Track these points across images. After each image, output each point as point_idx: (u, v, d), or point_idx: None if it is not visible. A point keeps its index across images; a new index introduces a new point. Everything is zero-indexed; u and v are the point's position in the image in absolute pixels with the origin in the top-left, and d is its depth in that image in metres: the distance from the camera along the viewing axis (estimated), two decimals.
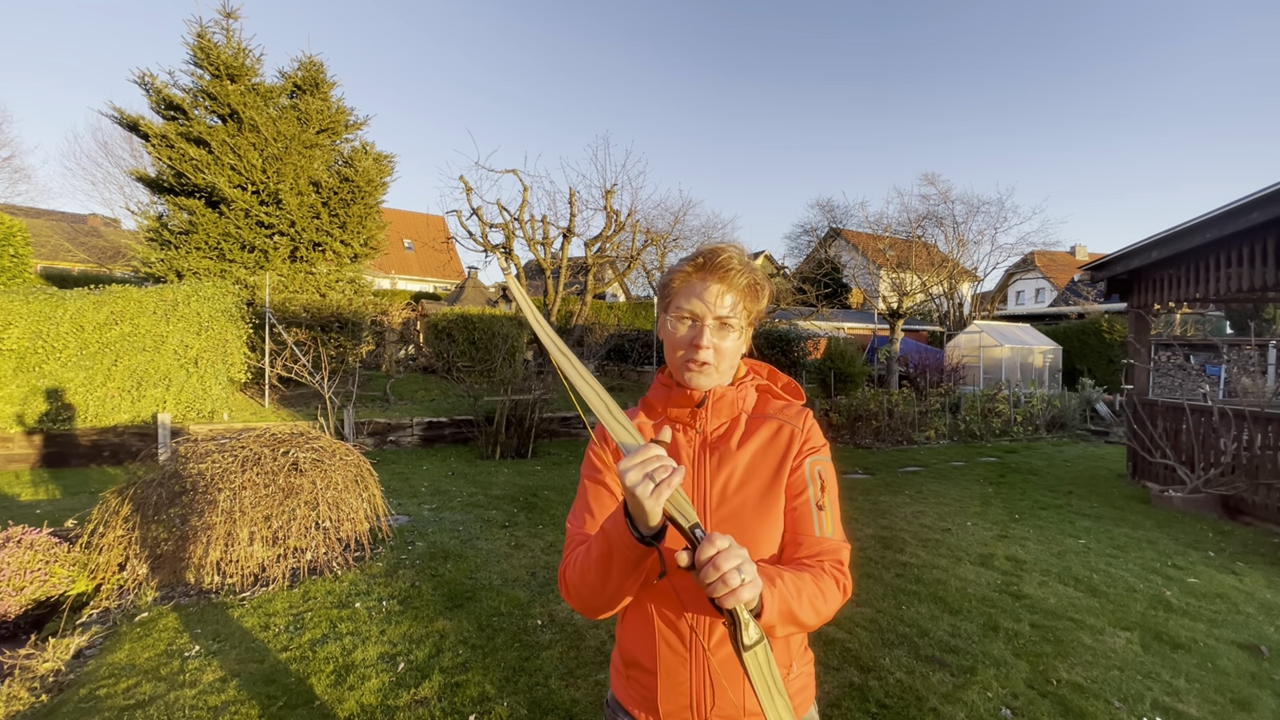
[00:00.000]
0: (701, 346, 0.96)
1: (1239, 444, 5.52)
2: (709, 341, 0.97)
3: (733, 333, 0.99)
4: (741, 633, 0.73)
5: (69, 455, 6.89)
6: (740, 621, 0.73)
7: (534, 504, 5.51)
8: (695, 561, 0.72)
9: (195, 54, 9.81)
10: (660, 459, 0.74)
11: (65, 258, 21.38)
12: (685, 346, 0.98)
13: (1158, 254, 6.04)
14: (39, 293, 7.22)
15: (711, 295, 0.97)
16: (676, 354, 1.00)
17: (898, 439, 9.57)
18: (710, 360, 0.98)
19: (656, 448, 0.75)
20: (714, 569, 0.71)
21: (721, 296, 0.97)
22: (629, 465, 0.74)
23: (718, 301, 0.97)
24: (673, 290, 1.01)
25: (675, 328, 1.00)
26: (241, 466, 3.52)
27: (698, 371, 0.98)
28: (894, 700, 2.51)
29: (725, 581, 0.71)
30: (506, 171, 14.42)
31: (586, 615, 0.96)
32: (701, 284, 0.98)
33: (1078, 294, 27.07)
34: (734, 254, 0.99)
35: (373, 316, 11.43)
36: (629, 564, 0.84)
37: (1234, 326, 18.27)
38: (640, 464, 0.73)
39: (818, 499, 0.97)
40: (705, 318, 0.97)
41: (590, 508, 1.02)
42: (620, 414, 0.80)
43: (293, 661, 2.72)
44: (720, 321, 0.98)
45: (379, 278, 24.35)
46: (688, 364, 0.99)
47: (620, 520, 0.81)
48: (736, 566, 0.71)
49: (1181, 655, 2.91)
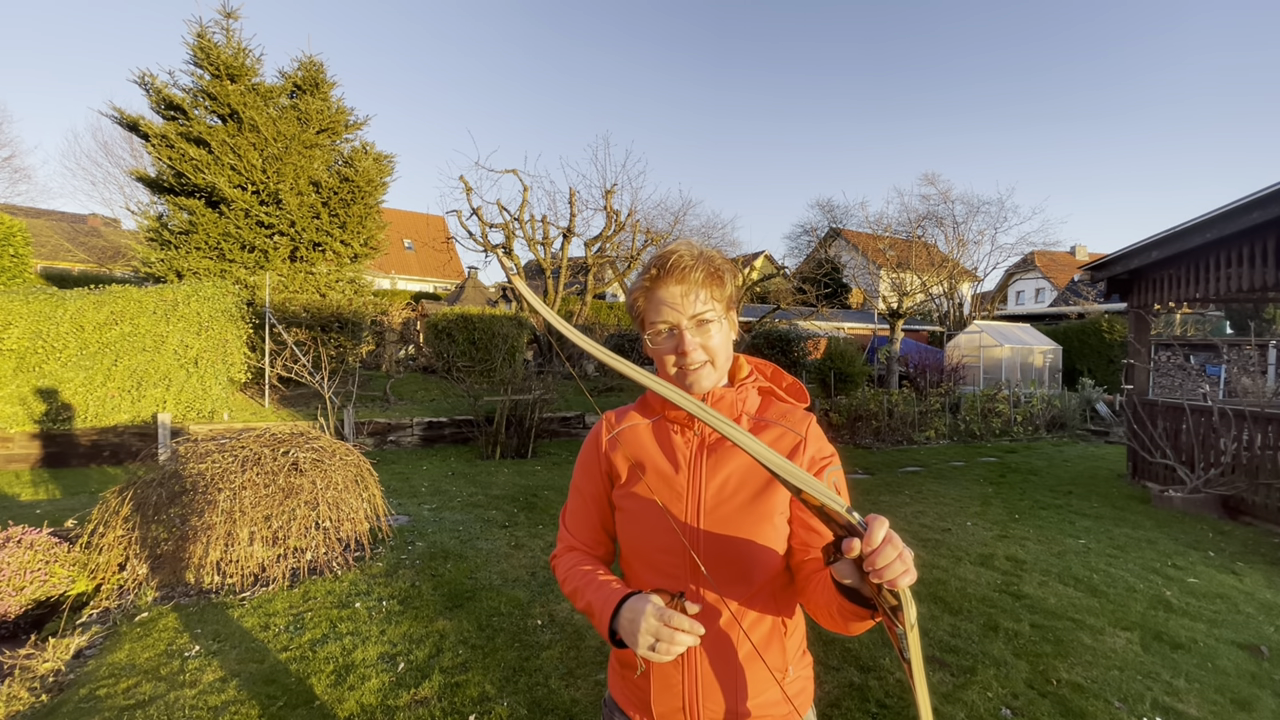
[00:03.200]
0: (687, 352, 0.96)
1: (1239, 444, 5.52)
2: (692, 344, 0.97)
3: (712, 325, 0.98)
4: (908, 610, 0.71)
5: (69, 455, 6.89)
6: (905, 599, 0.71)
7: (534, 504, 5.51)
8: (870, 543, 0.69)
9: (195, 54, 9.82)
10: (671, 638, 0.79)
11: (65, 258, 21.38)
12: (673, 355, 0.98)
13: (1158, 254, 6.04)
14: (39, 293, 7.23)
15: (676, 298, 0.97)
16: (669, 368, 1.00)
17: (898, 439, 9.57)
18: (703, 359, 0.98)
19: (677, 619, 0.80)
20: (893, 546, 0.68)
21: (686, 296, 0.97)
22: (646, 630, 0.80)
23: (684, 302, 0.96)
24: (640, 309, 1.02)
25: (657, 343, 1.00)
26: (241, 466, 3.52)
27: (694, 375, 0.98)
28: (894, 700, 2.50)
29: (904, 558, 0.68)
30: (506, 171, 14.45)
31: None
32: (663, 291, 0.97)
33: (1078, 294, 27.07)
34: (683, 251, 0.98)
35: (373, 316, 11.43)
36: (601, 633, 0.93)
37: (1234, 326, 18.27)
38: (654, 631, 0.80)
39: None
40: (680, 321, 0.97)
41: (579, 519, 1.10)
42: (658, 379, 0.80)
43: (293, 661, 2.72)
44: (696, 320, 0.97)
45: (379, 278, 24.38)
46: (683, 373, 0.98)
47: (605, 619, 0.89)
48: (903, 543, 0.70)
49: (1181, 655, 2.91)
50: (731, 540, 0.95)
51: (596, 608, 0.91)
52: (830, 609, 0.85)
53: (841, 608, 0.82)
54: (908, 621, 0.71)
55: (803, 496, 0.71)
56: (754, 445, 0.71)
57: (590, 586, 0.95)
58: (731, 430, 0.72)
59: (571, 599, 1.01)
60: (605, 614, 0.89)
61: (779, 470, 0.71)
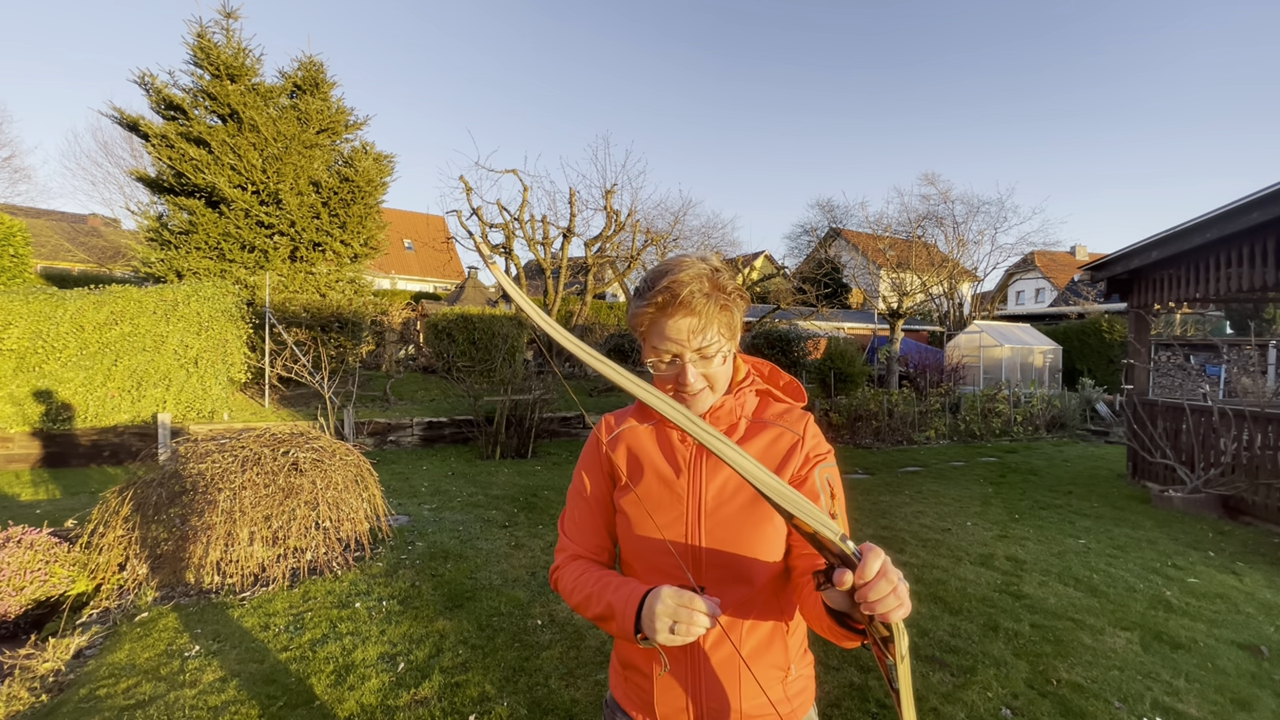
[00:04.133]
0: (688, 384, 0.95)
1: (1239, 444, 5.52)
2: (694, 376, 0.95)
3: (716, 357, 0.97)
4: (899, 642, 0.69)
5: (69, 455, 6.89)
6: (898, 631, 0.69)
7: (534, 504, 5.51)
8: (863, 576, 0.67)
9: (195, 54, 9.81)
10: (690, 618, 0.78)
11: (65, 258, 21.38)
12: (672, 382, 0.97)
13: (1158, 254, 6.04)
14: (39, 293, 7.22)
15: (682, 332, 0.93)
16: (667, 388, 0.98)
17: (898, 439, 9.57)
18: (702, 387, 0.97)
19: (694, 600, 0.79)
20: (887, 581, 0.66)
21: (693, 332, 0.93)
22: (663, 611, 0.79)
23: (690, 337, 0.94)
24: (643, 330, 0.98)
25: (658, 369, 0.98)
26: (241, 466, 3.52)
27: (692, 400, 0.97)
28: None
29: (898, 593, 0.67)
30: (506, 171, 14.44)
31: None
32: (669, 322, 0.94)
33: (1078, 294, 27.07)
34: (690, 281, 0.92)
35: (373, 316, 11.43)
36: (623, 638, 0.90)
37: (1234, 326, 18.28)
38: (672, 612, 0.79)
39: (830, 509, 0.96)
40: (684, 354, 0.95)
41: (582, 525, 1.07)
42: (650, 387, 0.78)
43: (293, 661, 2.72)
44: (699, 353, 0.95)
45: (379, 278, 24.37)
46: (680, 398, 0.97)
47: (629, 616, 0.86)
48: (899, 575, 0.68)
49: (1181, 655, 2.91)
50: (732, 541, 0.95)
51: (618, 607, 0.89)
52: (821, 624, 0.84)
53: (831, 628, 0.81)
54: (898, 653, 0.70)
55: (794, 523, 0.68)
56: (748, 465, 0.68)
57: (609, 588, 0.93)
58: (724, 448, 0.69)
59: (582, 608, 0.96)
60: (630, 610, 0.86)
61: (772, 494, 0.67)
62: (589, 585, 0.96)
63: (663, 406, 0.72)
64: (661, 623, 0.79)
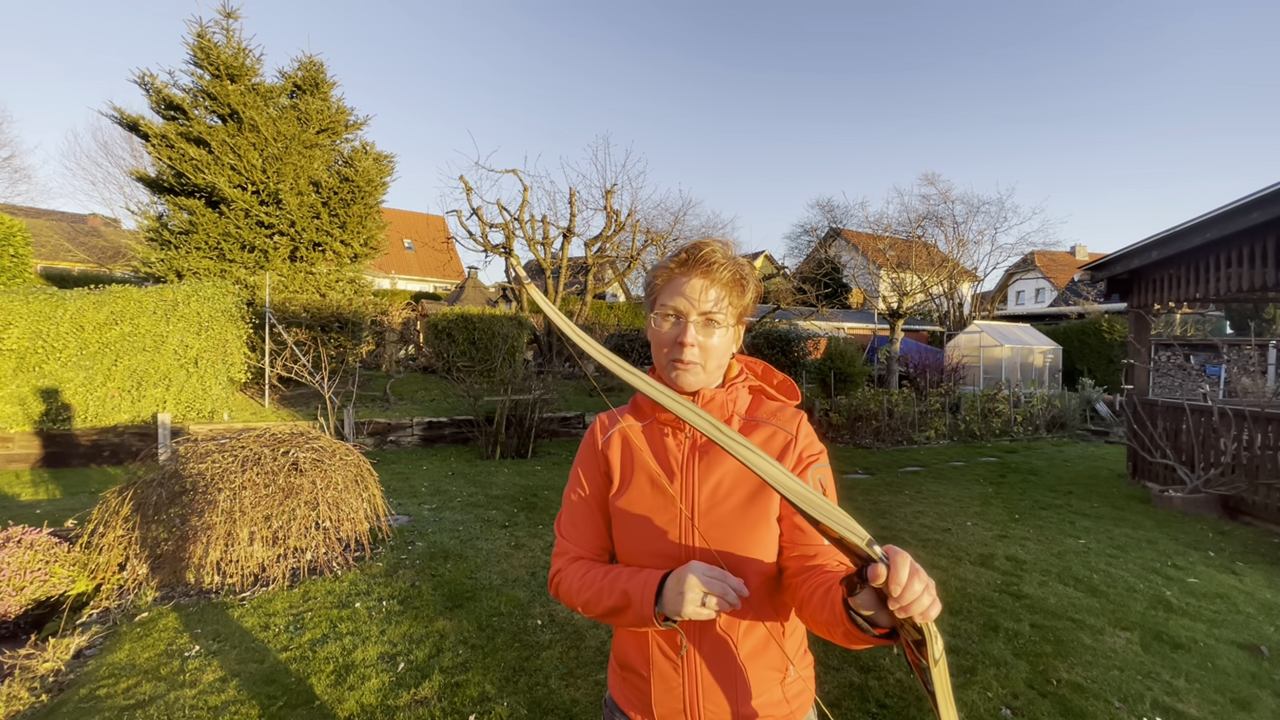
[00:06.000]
0: (686, 344, 0.95)
1: (1239, 444, 5.51)
2: (693, 338, 0.95)
3: (719, 329, 0.97)
4: (932, 646, 0.69)
5: (69, 455, 6.89)
6: (930, 634, 0.68)
7: (534, 504, 5.51)
8: (896, 580, 0.66)
9: (195, 54, 9.81)
10: (724, 587, 0.81)
11: (65, 258, 21.38)
12: (670, 344, 0.97)
13: (1158, 254, 6.03)
14: (39, 293, 7.22)
15: (695, 290, 0.95)
16: (662, 352, 0.99)
17: (898, 439, 9.57)
18: (696, 359, 0.96)
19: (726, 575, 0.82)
20: (919, 581, 0.66)
21: (705, 291, 0.95)
22: (694, 584, 0.82)
23: (701, 296, 0.95)
24: (657, 288, 1.00)
25: (660, 325, 0.98)
26: (241, 466, 3.52)
27: (684, 370, 0.96)
28: (894, 700, 2.50)
29: (930, 591, 0.67)
30: (506, 171, 14.44)
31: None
32: (685, 279, 0.96)
33: (1078, 294, 27.07)
34: (717, 248, 0.96)
35: (373, 316, 11.43)
36: (638, 624, 0.90)
37: (1234, 326, 18.28)
38: (705, 584, 0.81)
39: None
40: (690, 314, 0.95)
41: (581, 526, 1.06)
42: (651, 382, 0.78)
43: (293, 661, 2.72)
44: (705, 317, 0.96)
45: (379, 278, 24.36)
46: (674, 363, 0.97)
47: (649, 598, 0.86)
48: (928, 577, 0.68)
49: (1181, 655, 2.91)
50: (727, 542, 0.95)
51: (636, 593, 0.88)
52: (832, 628, 0.83)
53: (848, 632, 0.80)
54: (932, 657, 0.69)
55: (821, 528, 0.69)
56: (771, 469, 0.69)
57: (621, 578, 0.92)
58: (730, 440, 0.70)
59: (591, 604, 0.95)
60: (649, 592, 0.87)
61: (793, 496, 0.68)
62: (598, 580, 0.95)
63: (660, 395, 0.75)
64: (693, 594, 0.81)
